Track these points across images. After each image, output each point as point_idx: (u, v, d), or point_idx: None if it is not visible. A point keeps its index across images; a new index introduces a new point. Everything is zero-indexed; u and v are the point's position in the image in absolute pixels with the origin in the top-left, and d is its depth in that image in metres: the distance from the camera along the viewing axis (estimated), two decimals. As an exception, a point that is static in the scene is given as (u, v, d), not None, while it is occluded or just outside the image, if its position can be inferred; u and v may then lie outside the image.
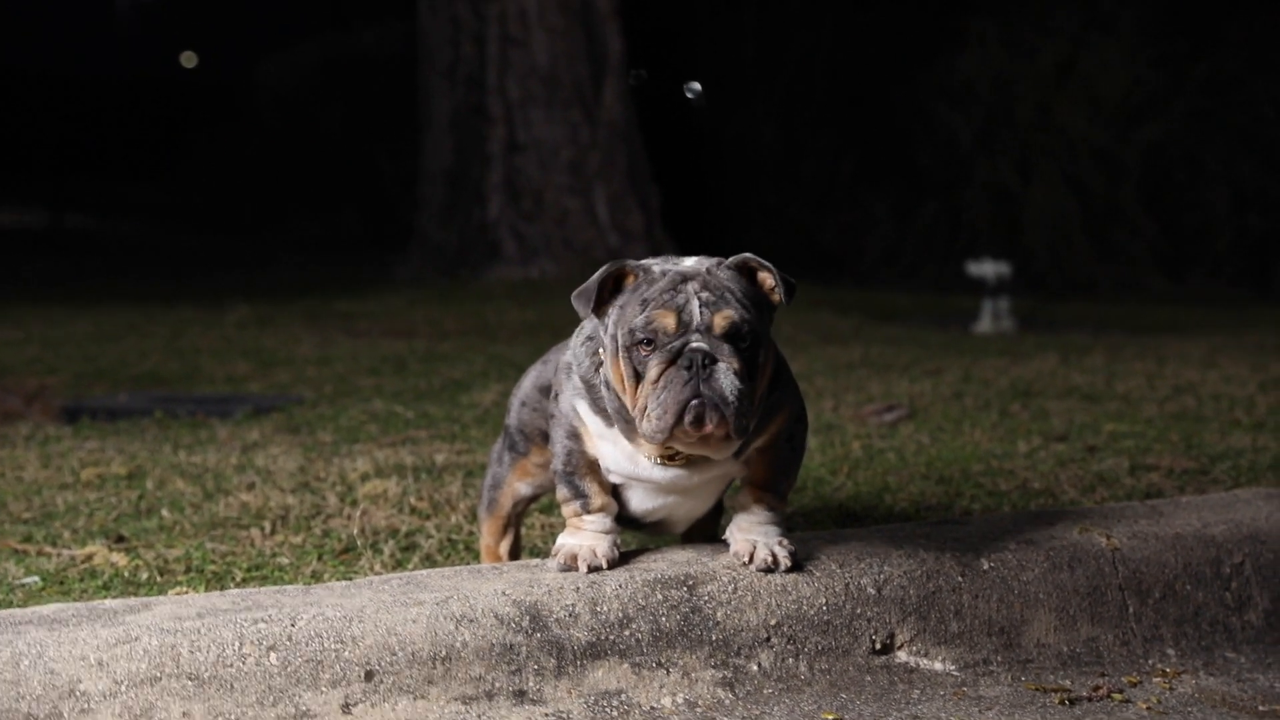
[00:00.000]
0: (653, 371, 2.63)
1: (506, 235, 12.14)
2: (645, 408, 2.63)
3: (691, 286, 2.67)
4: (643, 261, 2.78)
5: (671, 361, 2.62)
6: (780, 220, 15.00)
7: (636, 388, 2.65)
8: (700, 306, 2.65)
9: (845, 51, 15.61)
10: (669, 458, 2.77)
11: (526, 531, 3.39)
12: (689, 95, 16.60)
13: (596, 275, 2.74)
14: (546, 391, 3.01)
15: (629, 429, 2.74)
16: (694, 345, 2.62)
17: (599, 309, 2.76)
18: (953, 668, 2.87)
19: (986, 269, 9.13)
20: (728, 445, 2.71)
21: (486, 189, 12.23)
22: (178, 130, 29.03)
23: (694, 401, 2.59)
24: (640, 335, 2.64)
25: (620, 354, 2.68)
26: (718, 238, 11.40)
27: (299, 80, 22.90)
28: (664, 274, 2.71)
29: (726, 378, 2.61)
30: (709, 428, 2.60)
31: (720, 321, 2.65)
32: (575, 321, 2.91)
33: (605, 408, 2.79)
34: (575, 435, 2.84)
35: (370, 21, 23.76)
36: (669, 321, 2.63)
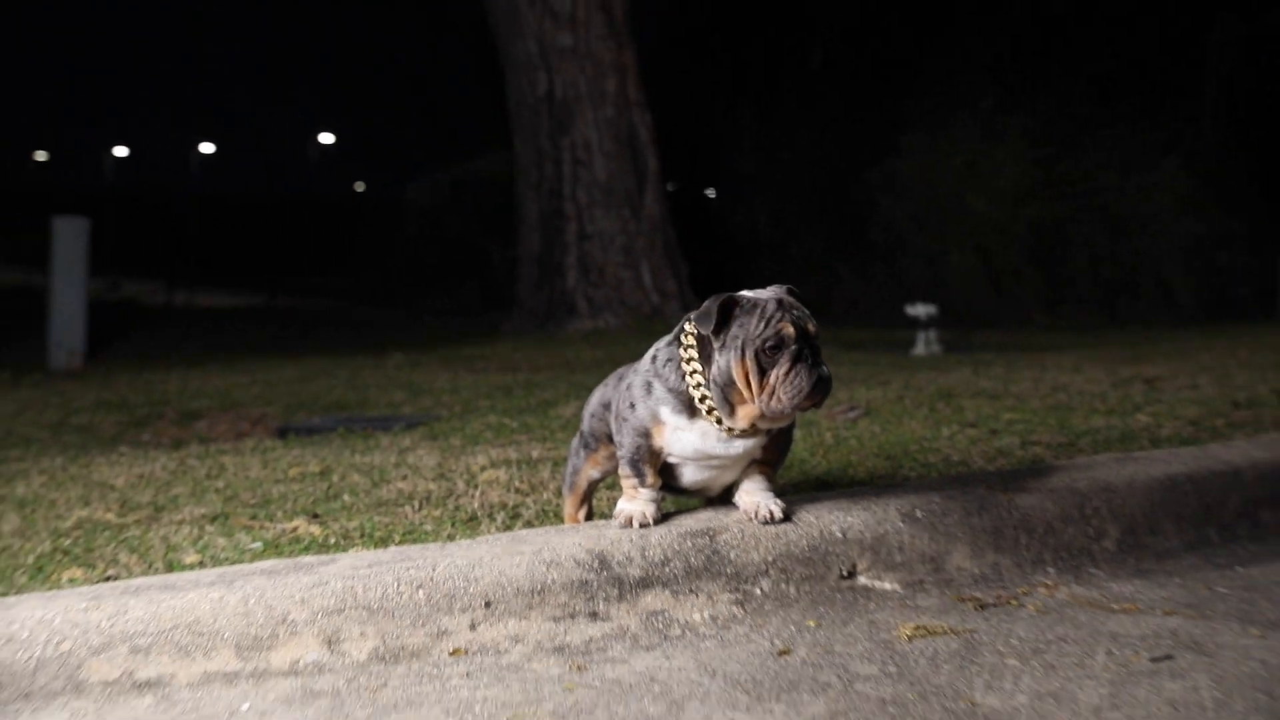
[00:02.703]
0: (784, 366, 2.61)
1: (580, 299, 12.16)
2: (775, 389, 2.61)
3: (791, 308, 2.67)
4: (738, 293, 2.73)
5: (797, 358, 2.61)
6: (772, 282, 15.00)
7: (762, 378, 2.62)
8: (803, 319, 2.65)
9: (815, 161, 15.74)
10: (736, 436, 2.73)
11: (596, 503, 3.38)
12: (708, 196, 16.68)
13: (714, 304, 2.68)
14: (608, 407, 2.99)
15: (729, 410, 2.69)
16: (810, 346, 2.63)
17: (717, 330, 2.69)
18: (898, 587, 2.86)
19: (919, 310, 9.10)
20: (809, 408, 2.67)
21: (565, 267, 12.27)
22: (356, 234, 29.38)
23: (818, 381, 2.61)
24: (771, 342, 2.62)
25: (748, 357, 2.63)
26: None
27: (435, 197, 23.14)
28: (762, 300, 2.68)
29: (827, 366, 2.65)
30: (819, 397, 2.62)
31: (814, 329, 2.67)
32: (630, 356, 2.90)
33: (693, 405, 2.72)
34: (645, 433, 2.80)
35: (482, 152, 23.99)
36: (791, 331, 2.62)
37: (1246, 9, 21.85)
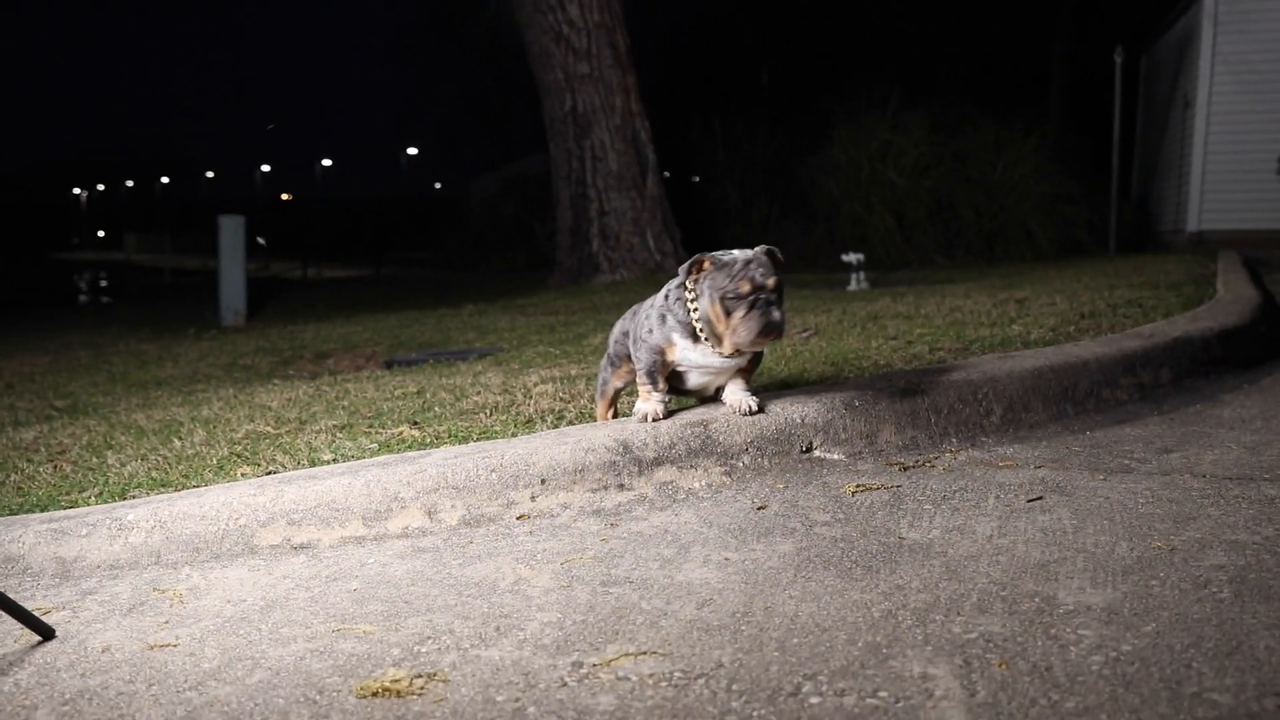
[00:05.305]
0: (741, 311, 2.53)
1: (602, 259, 12.05)
2: (736, 328, 2.54)
3: (753, 266, 2.56)
4: (714, 253, 2.64)
5: (752, 305, 2.53)
6: (741, 243, 14.87)
7: (728, 319, 2.55)
8: (761, 276, 2.55)
9: (769, 151, 15.60)
10: (727, 356, 2.67)
11: (620, 405, 3.35)
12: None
13: (686, 265, 2.62)
14: (627, 335, 2.93)
15: (715, 340, 2.63)
16: (764, 297, 2.53)
17: (691, 278, 2.63)
18: (842, 457, 2.83)
19: (852, 257, 8.96)
20: (765, 345, 2.60)
21: (590, 236, 12.14)
22: (436, 220, 29.22)
23: (767, 324, 2.52)
24: (731, 293, 2.54)
25: (717, 303, 2.56)
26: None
27: (492, 190, 22.98)
28: (735, 260, 2.58)
29: (777, 311, 2.54)
30: (772, 336, 2.54)
31: (771, 283, 2.55)
32: (640, 299, 2.84)
33: (695, 333, 2.65)
34: (659, 351, 2.73)
35: (524, 156, 23.79)
36: (746, 286, 2.53)
37: (1076, 36, 21.63)
